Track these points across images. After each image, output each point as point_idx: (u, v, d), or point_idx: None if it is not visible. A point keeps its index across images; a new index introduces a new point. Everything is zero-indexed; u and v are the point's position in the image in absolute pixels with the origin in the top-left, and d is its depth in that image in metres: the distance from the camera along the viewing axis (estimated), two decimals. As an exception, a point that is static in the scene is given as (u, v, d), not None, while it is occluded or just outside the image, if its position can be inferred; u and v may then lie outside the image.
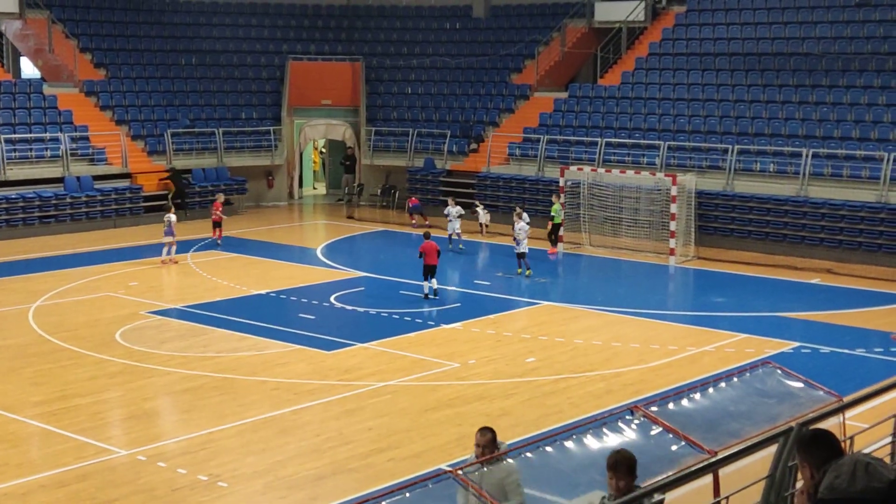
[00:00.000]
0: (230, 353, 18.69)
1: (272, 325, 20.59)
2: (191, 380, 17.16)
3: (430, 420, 15.26)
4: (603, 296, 23.68)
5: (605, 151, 32.39)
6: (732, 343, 19.57)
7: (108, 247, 29.40)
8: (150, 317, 21.35)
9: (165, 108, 37.06)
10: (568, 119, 35.00)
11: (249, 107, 38.76)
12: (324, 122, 39.28)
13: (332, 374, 17.55)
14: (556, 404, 15.93)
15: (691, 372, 17.53)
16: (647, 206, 28.87)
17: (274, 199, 38.22)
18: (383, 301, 23.05)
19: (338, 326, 21.06)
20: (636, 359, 18.48)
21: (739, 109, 32.09)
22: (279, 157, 38.03)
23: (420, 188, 36.07)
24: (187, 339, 19.69)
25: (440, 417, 15.35)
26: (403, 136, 37.60)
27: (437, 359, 18.39)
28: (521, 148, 34.56)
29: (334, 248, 29.92)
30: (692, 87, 33.60)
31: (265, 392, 16.57)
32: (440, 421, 15.20)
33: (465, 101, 38.47)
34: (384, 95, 39.72)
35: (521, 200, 33.25)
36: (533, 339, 19.84)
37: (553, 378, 17.31)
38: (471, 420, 15.15)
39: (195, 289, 24.14)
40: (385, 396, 16.33)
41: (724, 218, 29.32)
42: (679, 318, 21.88)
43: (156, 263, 26.87)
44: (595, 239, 29.29)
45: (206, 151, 36.27)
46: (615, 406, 15.41)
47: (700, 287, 25.96)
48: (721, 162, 30.42)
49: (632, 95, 34.56)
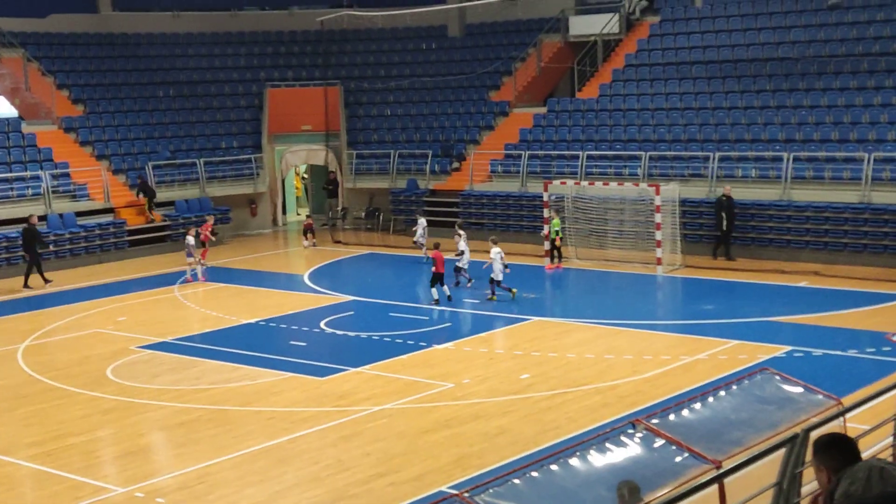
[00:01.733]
0: (223, 385, 18.56)
1: (264, 354, 20.47)
2: (185, 413, 17.02)
3: (428, 442, 15.18)
4: (593, 309, 23.66)
5: (587, 164, 32.45)
6: (725, 350, 19.56)
7: (95, 283, 29.22)
8: (140, 351, 21.19)
9: (145, 140, 36.95)
10: (548, 133, 35.07)
11: (229, 136, 38.69)
12: (305, 148, 39.24)
13: (326, 400, 17.45)
14: (554, 420, 15.87)
15: (686, 381, 17.52)
16: (631, 217, 28.88)
17: (258, 227, 38.12)
18: (374, 324, 22.96)
19: (330, 352, 20.96)
20: (630, 370, 18.45)
21: (719, 116, 32.22)
22: (261, 184, 37.95)
23: (404, 209, 36.03)
24: (179, 372, 19.55)
25: (438, 439, 15.28)
26: (385, 158, 37.59)
27: (432, 380, 18.32)
28: (502, 164, 34.60)
29: (321, 274, 29.82)
30: (670, 97, 33.74)
31: (260, 422, 16.45)
32: (438, 442, 15.13)
33: (444, 120, 38.52)
34: (364, 118, 39.73)
35: (506, 216, 33.30)
36: (526, 355, 19.79)
37: (549, 393, 17.26)
38: (469, 440, 15.09)
39: (184, 321, 24.00)
40: (381, 420, 16.24)
41: (709, 225, 29.37)
42: (670, 327, 21.87)
43: (144, 297, 26.72)
44: (582, 252, 29.29)
45: (188, 182, 36.16)
46: (614, 419, 15.38)
47: (689, 295, 25.96)
48: (703, 169, 30.49)
49: (610, 107, 34.66)
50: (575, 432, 15.11)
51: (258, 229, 38.03)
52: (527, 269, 28.54)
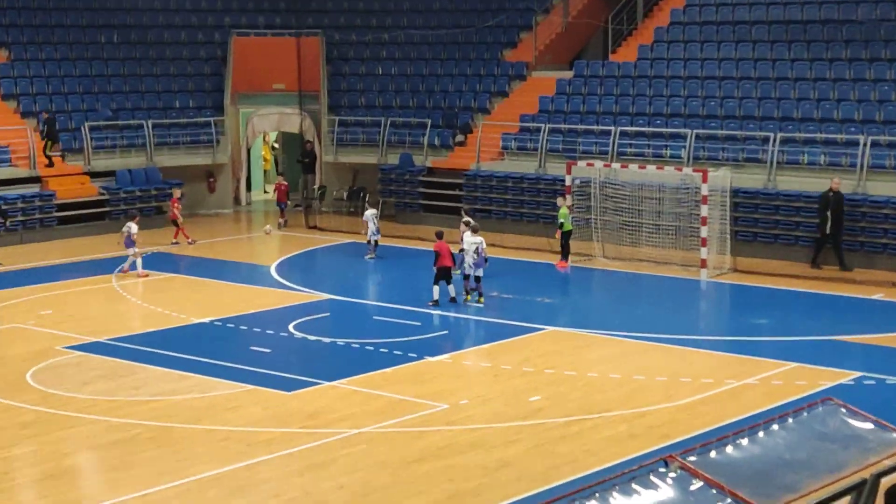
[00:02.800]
0: (168, 396, 18.55)
1: (218, 361, 20.43)
2: (120, 430, 17.00)
3: (414, 475, 15.18)
4: (620, 318, 23.64)
5: (619, 143, 32.43)
6: (780, 374, 19.57)
7: (14, 267, 29.21)
8: (68, 353, 21.16)
9: (81, 96, 36.92)
10: (574, 104, 35.04)
11: (184, 93, 38.65)
12: (276, 112, 39.19)
13: (293, 419, 17.44)
14: (569, 452, 15.88)
15: (732, 410, 17.51)
16: (672, 209, 28.87)
17: (217, 206, 38.09)
18: (353, 329, 22.89)
19: (299, 361, 20.88)
20: (663, 395, 18.46)
21: (782, 89, 32.20)
22: (222, 154, 37.92)
23: (395, 190, 36.04)
24: (115, 379, 19.51)
25: (427, 471, 15.28)
26: (374, 128, 37.57)
27: (422, 399, 18.31)
28: (517, 140, 34.58)
29: (292, 265, 29.78)
30: (724, 63, 33.72)
31: (212, 443, 16.45)
32: (427, 475, 15.13)
33: (447, 82, 38.47)
34: (349, 77, 39.69)
35: (519, 203, 33.31)
36: (537, 372, 19.79)
37: (563, 420, 17.26)
38: (464, 473, 15.10)
39: (123, 317, 23.96)
40: (359, 446, 16.24)
41: (766, 221, 29.38)
42: (714, 344, 21.82)
43: (75, 286, 26.69)
44: (609, 249, 29.28)
45: (132, 149, 36.15)
46: (642, 454, 15.36)
47: (738, 306, 25.90)
48: (761, 153, 30.48)
49: (651, 74, 34.63)
50: (594, 468, 15.07)
51: (217, 209, 38.01)
52: (542, 267, 28.51)
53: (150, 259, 29.48)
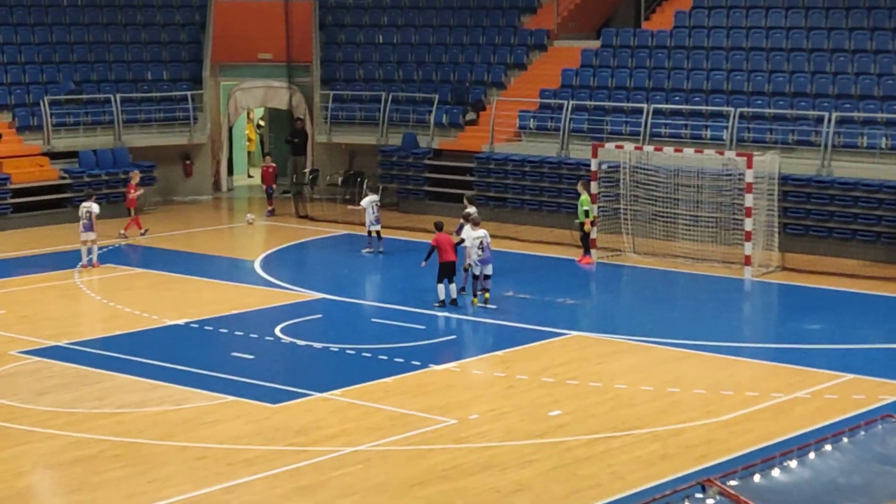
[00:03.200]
0: (136, 409, 18.55)
1: (194, 369, 20.43)
2: (82, 446, 17.00)
3: (417, 499, 15.17)
4: (653, 322, 23.63)
5: (652, 122, 32.41)
6: (835, 387, 19.53)
7: (-36, 260, 29.30)
8: (23, 358, 21.16)
9: (41, 66, 36.95)
10: (601, 78, 35.02)
11: (158, 63, 38.66)
12: (262, 85, 39.20)
13: (279, 436, 17.44)
14: (593, 475, 15.87)
15: (779, 428, 17.47)
16: (712, 198, 28.84)
17: (194, 192, 38.12)
18: (349, 333, 22.88)
19: (286, 369, 20.88)
20: (702, 410, 18.43)
21: (839, 63, 32.15)
22: (200, 133, 37.94)
23: (397, 175, 36.04)
24: (77, 388, 19.51)
25: (432, 495, 15.27)
26: (373, 104, 37.57)
27: (426, 413, 18.30)
28: (536, 118, 34.57)
29: (279, 260, 29.78)
30: (773, 33, 33.67)
31: (186, 462, 16.44)
32: (431, 500, 15.11)
33: (457, 53, 38.47)
34: (345, 46, 39.69)
35: (537, 191, 33.28)
36: (558, 383, 19.78)
37: (587, 438, 17.25)
38: (474, 498, 15.10)
39: (86, 319, 24.00)
40: (354, 467, 16.24)
41: (820, 213, 29.35)
42: (759, 352, 21.80)
43: (31, 283, 26.74)
44: (641, 243, 29.27)
45: (97, 126, 36.16)
46: (676, 477, 15.33)
47: (788, 309, 25.88)
48: (814, 136, 30.45)
49: (689, 44, 34.60)
50: (621, 493, 15.06)
51: (194, 195, 38.03)
52: (564, 264, 28.50)
53: (116, 253, 29.53)
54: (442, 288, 24.31)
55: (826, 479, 10.23)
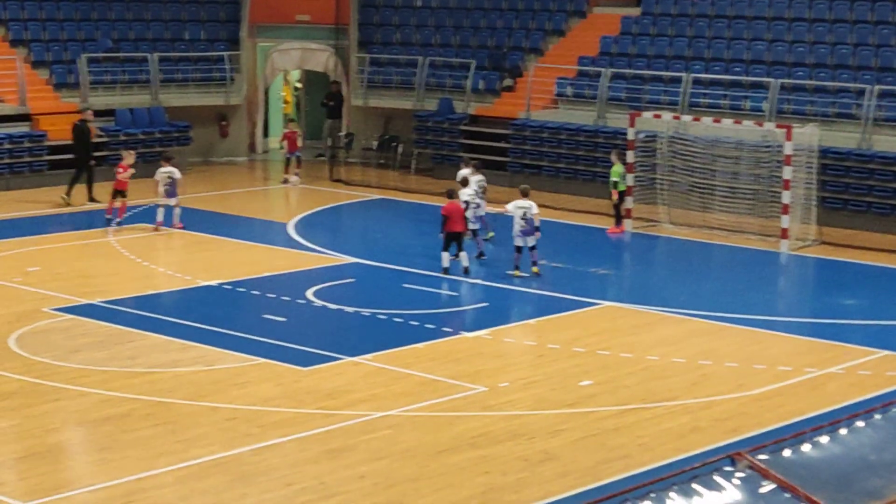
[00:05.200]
0: (168, 368, 18.67)
1: (226, 330, 20.54)
2: (113, 404, 17.12)
3: (445, 466, 15.22)
4: (687, 294, 23.61)
5: (692, 92, 32.27)
6: (869, 363, 19.49)
7: (-1, 217, 29.49)
8: (56, 315, 21.30)
9: (78, 23, 37.05)
10: (640, 46, 34.86)
11: (195, 23, 38.71)
12: (299, 47, 39.20)
13: (309, 399, 17.51)
14: (622, 446, 15.89)
15: (811, 403, 17.47)
16: (750, 170, 28.76)
17: (229, 154, 38.21)
18: (380, 298, 22.93)
19: (317, 333, 20.97)
20: (734, 384, 18.42)
21: (882, 35, 31.90)
22: (236, 95, 38.00)
23: (433, 140, 36.01)
24: (108, 347, 19.65)
25: (460, 462, 15.32)
26: (410, 68, 37.53)
27: (456, 380, 18.35)
28: (574, 85, 34.47)
29: (313, 223, 29.85)
30: (816, 3, 33.42)
31: (216, 423, 16.54)
32: (460, 467, 15.17)
33: (495, 17, 38.35)
34: (383, 9, 39.62)
35: (573, 159, 33.18)
36: (589, 353, 19.78)
37: (617, 409, 17.26)
38: (502, 466, 15.13)
39: (120, 277, 24.10)
40: (383, 432, 16.30)
41: (859, 187, 29.20)
42: (794, 326, 21.77)
43: (66, 240, 26.88)
44: (677, 214, 29.21)
45: (134, 85, 36.26)
46: (706, 450, 15.36)
47: (824, 283, 25.82)
48: (855, 108, 30.27)
49: (731, 13, 34.38)
50: (650, 465, 15.07)
51: (229, 156, 38.12)
52: (598, 234, 28.49)
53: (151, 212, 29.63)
54: (446, 256, 24.25)
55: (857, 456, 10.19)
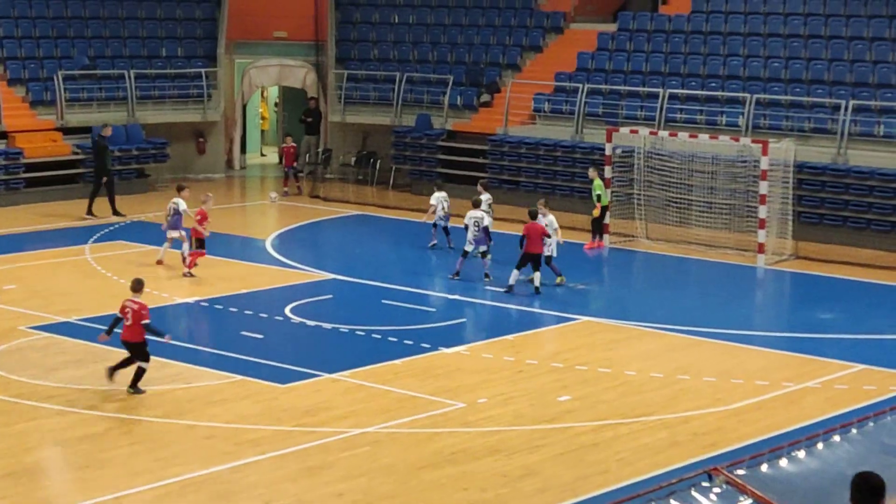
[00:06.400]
0: (146, 386, 18.58)
1: (204, 348, 20.54)
2: (91, 423, 17.07)
3: (424, 482, 15.22)
4: (664, 309, 23.64)
5: (668, 107, 32.35)
6: (846, 377, 19.54)
7: (-25, 235, 29.37)
8: (34, 333, 21.24)
9: (55, 41, 36.95)
10: (617, 62, 34.95)
11: (172, 40, 38.65)
12: (277, 63, 39.19)
13: (287, 416, 17.49)
14: (601, 461, 15.91)
15: (788, 417, 17.51)
16: (726, 185, 28.82)
17: (206, 170, 38.15)
18: (359, 314, 22.91)
19: (296, 350, 20.96)
20: (711, 398, 18.45)
21: (856, 50, 32.04)
22: (214, 111, 37.96)
23: (411, 156, 36.03)
24: (86, 365, 19.59)
25: (439, 478, 15.32)
26: (387, 84, 37.55)
27: (435, 396, 18.34)
28: (551, 101, 34.53)
29: (291, 239, 29.82)
30: (791, 19, 33.57)
31: (194, 441, 16.51)
32: (439, 483, 15.17)
33: (473, 34, 38.41)
34: (360, 25, 39.65)
35: (551, 174, 33.22)
36: (567, 368, 19.79)
37: (595, 424, 17.28)
38: (481, 482, 15.13)
39: (97, 294, 24.03)
40: (362, 448, 16.29)
41: (835, 202, 29.29)
42: (771, 340, 21.79)
43: (43, 258, 26.80)
44: (654, 229, 29.26)
45: (111, 102, 36.19)
46: (684, 465, 15.37)
47: (800, 297, 25.89)
48: (830, 123, 30.37)
49: (706, 29, 34.51)
50: (628, 480, 15.10)
51: (206, 173, 38.06)
52: (576, 249, 28.49)
53: (127, 229, 29.59)
54: (515, 274, 24.00)
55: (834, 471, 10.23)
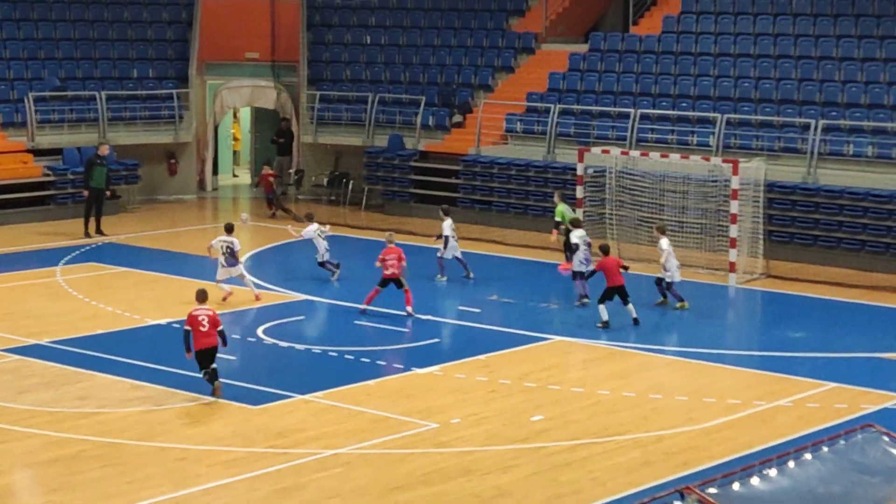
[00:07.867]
0: (116, 408, 18.55)
1: (175, 370, 20.41)
2: (62, 445, 17.00)
3: (397, 503, 15.19)
4: (636, 329, 23.67)
5: (639, 127, 32.44)
6: (817, 395, 19.59)
7: (-55, 257, 29.23)
8: (4, 356, 21.16)
9: (26, 62, 36.85)
10: (589, 82, 35.04)
11: (144, 61, 38.59)
12: (248, 84, 39.16)
13: (259, 438, 17.45)
14: (574, 481, 15.91)
15: (760, 436, 17.55)
16: (697, 204, 28.89)
17: (178, 191, 38.05)
18: (331, 335, 22.94)
19: (268, 371, 20.93)
20: (684, 417, 18.49)
21: (826, 70, 32.21)
22: (185, 132, 37.88)
23: (383, 176, 36.03)
24: (57, 387, 19.51)
25: (412, 499, 15.30)
26: (359, 105, 37.55)
27: (408, 417, 18.33)
28: (523, 121, 34.59)
29: (263, 261, 29.77)
30: (761, 39, 33.72)
31: (166, 463, 16.45)
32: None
33: (444, 55, 38.46)
34: (332, 46, 39.66)
35: (523, 194, 33.26)
36: (540, 388, 19.81)
37: (569, 444, 17.29)
38: (454, 502, 15.12)
39: (68, 317, 23.93)
40: (335, 470, 16.26)
41: (805, 221, 29.41)
42: (742, 359, 21.87)
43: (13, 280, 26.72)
44: (626, 249, 29.29)
45: (82, 124, 36.09)
46: (656, 484, 15.41)
47: (771, 316, 25.96)
48: (800, 143, 30.52)
49: (677, 50, 34.64)
50: (601, 500, 15.13)
51: (178, 194, 37.96)
52: (549, 269, 28.53)
53: (98, 251, 29.48)
54: (603, 309, 23.59)
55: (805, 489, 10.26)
